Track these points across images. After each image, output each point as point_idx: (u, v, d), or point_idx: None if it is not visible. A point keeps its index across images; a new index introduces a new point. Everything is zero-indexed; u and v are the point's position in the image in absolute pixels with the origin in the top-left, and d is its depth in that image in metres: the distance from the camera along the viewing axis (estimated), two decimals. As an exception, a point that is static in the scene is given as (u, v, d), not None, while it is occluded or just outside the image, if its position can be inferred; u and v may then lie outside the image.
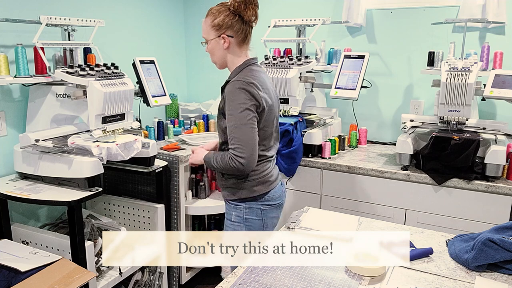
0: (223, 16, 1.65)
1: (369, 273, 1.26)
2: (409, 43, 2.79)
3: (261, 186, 1.73)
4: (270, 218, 1.78)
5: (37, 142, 2.02)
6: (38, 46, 2.06)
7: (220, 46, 1.69)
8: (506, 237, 1.31)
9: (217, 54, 1.73)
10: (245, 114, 1.58)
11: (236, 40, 1.69)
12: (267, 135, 1.72)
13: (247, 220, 1.74)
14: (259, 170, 1.72)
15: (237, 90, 1.60)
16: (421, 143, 2.30)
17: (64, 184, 2.05)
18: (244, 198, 1.73)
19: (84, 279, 1.77)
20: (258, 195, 1.73)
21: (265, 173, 1.74)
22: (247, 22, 1.68)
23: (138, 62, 2.41)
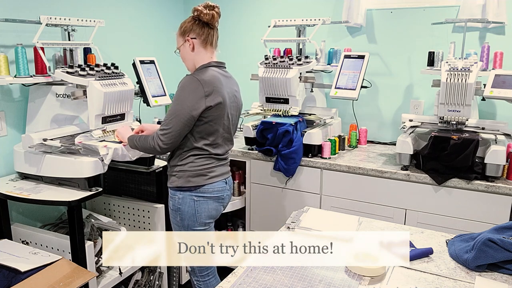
0: (186, 23, 1.87)
1: (369, 273, 1.26)
2: (409, 43, 2.79)
3: (198, 178, 1.86)
4: (204, 209, 1.89)
5: (45, 141, 2.02)
6: (38, 46, 2.06)
7: (187, 49, 1.88)
8: (506, 237, 1.31)
9: (187, 57, 1.91)
10: (183, 108, 1.75)
11: (199, 41, 1.86)
12: (213, 131, 1.85)
13: (179, 209, 1.89)
14: (197, 163, 1.85)
15: (186, 82, 1.79)
16: (421, 143, 2.30)
17: (64, 184, 2.05)
18: (180, 187, 1.87)
19: (84, 279, 1.77)
20: (192, 186, 1.86)
21: (205, 167, 1.86)
22: (207, 24, 1.86)
23: (138, 62, 2.41)
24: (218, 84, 1.82)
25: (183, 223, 1.90)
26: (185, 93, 1.77)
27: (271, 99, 2.62)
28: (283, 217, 2.57)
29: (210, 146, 1.86)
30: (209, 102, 1.77)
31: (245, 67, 3.31)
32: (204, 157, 1.86)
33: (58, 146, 2.01)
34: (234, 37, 3.37)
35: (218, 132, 1.86)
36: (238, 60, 3.38)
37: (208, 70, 1.84)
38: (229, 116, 1.90)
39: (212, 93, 1.78)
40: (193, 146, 1.84)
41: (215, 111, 1.81)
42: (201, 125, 1.81)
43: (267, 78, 2.55)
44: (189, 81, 1.78)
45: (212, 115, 1.81)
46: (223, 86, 1.85)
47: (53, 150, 2.04)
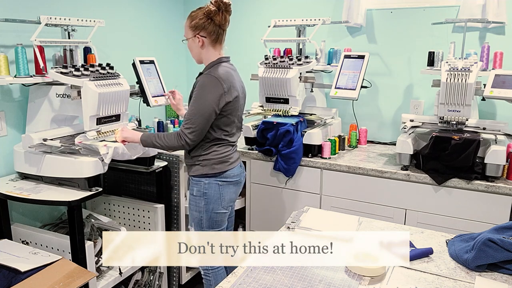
0: (198, 19, 1.92)
1: (369, 273, 1.26)
2: (409, 43, 2.79)
3: (221, 165, 2.00)
4: (227, 193, 2.04)
5: (45, 141, 2.02)
6: (36, 44, 2.05)
7: (196, 44, 1.97)
8: (506, 237, 1.31)
9: (194, 50, 2.01)
10: (207, 104, 1.87)
11: (209, 40, 1.95)
12: (230, 122, 1.99)
13: (206, 194, 2.00)
14: (220, 151, 1.99)
15: (206, 81, 1.89)
16: (421, 143, 2.30)
17: (64, 184, 2.05)
18: (205, 174, 1.99)
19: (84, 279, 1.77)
20: (217, 173, 1.99)
21: (225, 154, 2.01)
22: (219, 25, 1.93)
23: (138, 62, 2.41)
24: (232, 79, 1.95)
25: (208, 207, 2.00)
26: (206, 92, 1.87)
27: (271, 99, 2.62)
28: (283, 217, 2.57)
29: (228, 135, 2.01)
30: (228, 98, 1.91)
31: (245, 67, 3.30)
32: (224, 145, 2.01)
33: (58, 146, 2.01)
34: (234, 37, 3.37)
35: (234, 123, 2.02)
36: (238, 60, 3.36)
37: (221, 66, 1.94)
38: (241, 107, 2.06)
39: (230, 89, 1.91)
40: (214, 137, 1.97)
41: (232, 104, 1.94)
42: (221, 119, 1.94)
43: (267, 78, 2.55)
44: (209, 79, 1.89)
45: (230, 109, 1.94)
46: (236, 80, 1.98)
47: (53, 150, 2.04)
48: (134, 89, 2.45)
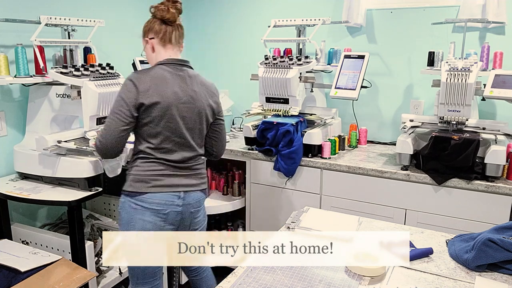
0: (146, 23, 1.80)
1: (369, 273, 1.26)
2: (409, 43, 2.79)
3: (140, 184, 1.70)
4: (139, 220, 1.69)
5: (59, 143, 2.01)
6: (36, 44, 2.05)
7: (148, 50, 1.80)
8: (506, 237, 1.31)
9: (148, 58, 1.83)
10: (118, 104, 1.66)
11: (157, 40, 1.77)
12: (155, 134, 1.70)
13: (120, 214, 1.74)
14: (142, 167, 1.71)
15: (125, 80, 1.70)
16: (421, 143, 2.30)
17: (64, 184, 2.05)
18: (124, 190, 1.73)
19: (84, 279, 1.77)
20: (133, 192, 1.70)
21: (149, 172, 1.70)
22: (165, 22, 1.76)
23: (138, 62, 2.41)
24: (159, 82, 1.69)
25: (120, 228, 1.75)
26: (120, 92, 1.68)
27: (271, 99, 2.62)
28: (283, 217, 2.57)
29: (155, 150, 1.71)
30: (143, 99, 1.65)
31: (245, 67, 3.31)
32: (149, 161, 1.71)
33: (73, 148, 2.00)
34: (234, 37, 3.37)
35: (162, 135, 1.70)
36: (238, 60, 3.38)
37: (154, 68, 1.74)
38: (178, 119, 1.72)
39: (147, 91, 1.66)
40: (138, 149, 1.73)
41: (152, 111, 1.67)
42: (142, 127, 1.70)
43: (267, 78, 2.55)
44: (125, 81, 1.70)
45: (151, 116, 1.68)
46: (168, 85, 1.70)
47: (67, 152, 2.03)
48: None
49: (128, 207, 1.70)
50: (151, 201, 1.69)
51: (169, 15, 1.74)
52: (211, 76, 3.49)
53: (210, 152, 1.94)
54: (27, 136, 2.23)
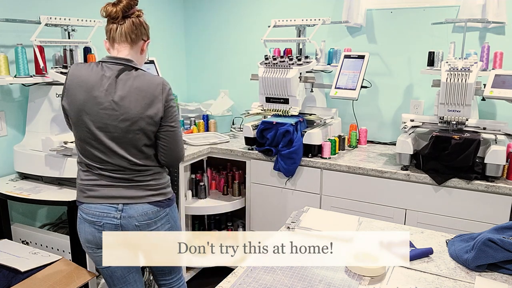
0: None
1: (369, 273, 1.26)
2: (409, 43, 2.79)
3: (79, 193, 1.63)
4: (82, 230, 1.64)
5: (65, 144, 2.01)
6: (36, 44, 2.06)
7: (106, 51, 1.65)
8: (506, 237, 1.31)
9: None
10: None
11: (108, 41, 1.62)
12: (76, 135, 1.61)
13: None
14: (80, 176, 1.63)
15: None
16: (421, 143, 2.30)
17: (64, 184, 2.05)
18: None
19: (84, 279, 1.77)
20: (76, 201, 1.65)
21: (86, 182, 1.61)
22: (109, 20, 1.58)
23: (138, 62, 2.40)
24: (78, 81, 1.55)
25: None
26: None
27: (271, 99, 2.62)
28: (283, 217, 2.57)
29: (87, 159, 1.59)
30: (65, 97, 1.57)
31: (245, 67, 3.32)
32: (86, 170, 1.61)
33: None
34: (234, 37, 3.37)
35: (85, 142, 1.57)
36: (238, 60, 3.38)
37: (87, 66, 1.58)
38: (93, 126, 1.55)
39: (65, 93, 1.56)
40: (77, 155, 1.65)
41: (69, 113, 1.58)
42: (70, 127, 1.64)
43: (267, 78, 2.55)
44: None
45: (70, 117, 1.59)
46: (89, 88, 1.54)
47: (74, 153, 2.04)
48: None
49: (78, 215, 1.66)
50: (87, 212, 1.61)
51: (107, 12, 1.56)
52: (211, 77, 3.50)
53: (159, 160, 1.66)
54: (27, 136, 2.23)
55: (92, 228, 1.61)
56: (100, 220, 1.60)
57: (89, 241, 1.64)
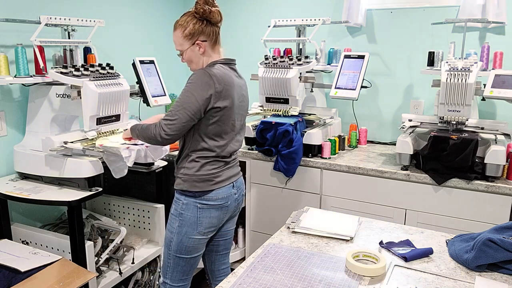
0: (192, 24, 1.75)
1: (369, 273, 1.26)
2: (409, 43, 2.79)
3: (203, 184, 1.76)
4: (206, 217, 1.79)
5: (65, 144, 2.01)
6: (36, 44, 2.05)
7: (196, 52, 1.77)
8: (506, 237, 1.31)
9: (194, 60, 1.80)
10: (192, 100, 1.66)
11: (209, 43, 1.77)
12: (221, 132, 1.76)
13: (182, 215, 1.79)
14: (205, 167, 1.76)
15: (198, 75, 1.69)
16: (421, 143, 2.30)
17: (64, 184, 2.05)
18: (185, 191, 1.78)
19: (84, 279, 1.77)
20: (197, 192, 1.76)
21: (211, 171, 1.77)
22: (215, 24, 1.76)
23: (138, 62, 2.41)
24: (229, 82, 1.74)
25: (181, 229, 1.79)
26: (196, 86, 1.67)
27: (271, 99, 2.62)
28: (283, 217, 2.57)
29: (219, 148, 1.77)
30: (217, 102, 1.69)
31: (245, 67, 3.30)
32: (211, 160, 1.77)
33: (80, 149, 2.00)
34: (234, 37, 3.37)
35: (227, 134, 1.78)
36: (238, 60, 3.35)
37: (222, 68, 1.75)
38: (237, 118, 1.81)
39: (222, 92, 1.69)
40: (202, 147, 1.75)
41: (223, 112, 1.72)
42: (210, 125, 1.72)
43: (267, 78, 2.55)
44: (202, 74, 1.68)
45: (220, 115, 1.72)
46: (234, 86, 1.76)
47: (74, 152, 2.03)
48: (134, 89, 2.45)
49: (194, 207, 1.77)
50: (216, 198, 1.79)
51: (220, 17, 1.76)
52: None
53: None
54: (27, 136, 2.23)
55: (219, 212, 1.83)
56: (227, 201, 1.84)
57: (213, 225, 1.83)
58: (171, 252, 1.83)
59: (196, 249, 1.83)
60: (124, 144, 1.96)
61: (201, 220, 1.78)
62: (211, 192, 1.77)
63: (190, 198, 1.77)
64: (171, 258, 1.84)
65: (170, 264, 1.85)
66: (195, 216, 1.78)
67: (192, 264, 1.87)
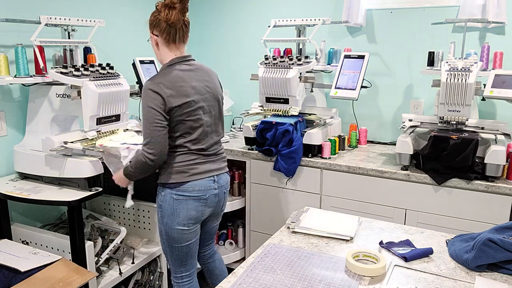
0: (152, 16, 1.80)
1: (369, 273, 1.26)
2: (409, 43, 2.79)
3: (178, 175, 1.81)
4: (183, 209, 1.83)
5: (65, 144, 2.01)
6: (36, 44, 2.05)
7: (153, 43, 1.85)
8: (506, 237, 1.31)
9: (154, 50, 1.88)
10: (150, 113, 1.72)
11: (161, 40, 1.81)
12: (188, 128, 1.80)
13: (161, 206, 1.86)
14: (179, 160, 1.82)
15: (145, 90, 1.75)
16: (421, 143, 2.30)
17: (64, 184, 2.05)
18: (163, 183, 1.85)
19: (84, 279, 1.77)
20: (173, 183, 1.82)
21: (185, 163, 1.82)
22: (168, 24, 1.77)
23: (138, 62, 2.41)
24: (181, 82, 1.78)
25: (163, 220, 1.86)
26: (148, 99, 1.73)
27: (271, 99, 2.62)
28: (283, 217, 2.58)
29: (190, 142, 1.82)
30: (173, 102, 1.74)
31: (245, 67, 3.32)
32: (184, 153, 1.82)
33: (80, 149, 2.00)
34: (234, 37, 3.37)
35: (197, 129, 1.82)
36: (238, 60, 3.38)
37: (171, 70, 1.79)
38: (205, 109, 1.84)
39: (173, 95, 1.74)
40: (173, 144, 1.81)
41: (183, 109, 1.77)
42: (175, 125, 1.78)
43: (267, 78, 2.55)
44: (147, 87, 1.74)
45: (183, 113, 1.77)
46: (187, 83, 1.80)
47: (74, 152, 2.03)
48: (134, 89, 2.45)
49: (170, 199, 1.83)
50: (193, 189, 1.83)
51: (173, 19, 1.76)
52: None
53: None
54: (27, 136, 2.23)
55: (197, 203, 1.86)
56: (205, 194, 1.87)
57: (192, 217, 1.85)
58: (164, 241, 1.91)
59: (183, 239, 1.87)
60: (124, 144, 1.97)
61: (178, 211, 1.83)
62: (186, 184, 1.81)
63: (167, 190, 1.83)
64: (167, 247, 1.92)
65: (168, 252, 1.94)
66: (172, 208, 1.83)
67: (186, 252, 1.91)
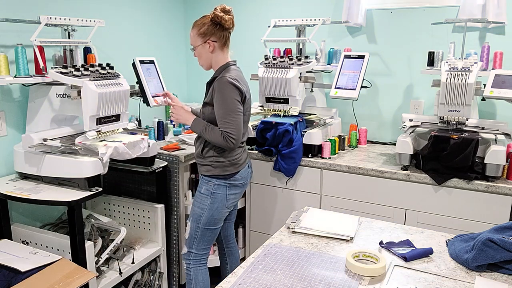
0: (206, 26, 2.03)
1: (369, 273, 1.26)
2: (409, 43, 2.79)
3: (231, 168, 2.07)
4: (233, 194, 2.13)
5: (45, 141, 2.02)
6: (36, 44, 2.05)
7: (206, 50, 2.05)
8: (506, 237, 1.31)
9: (204, 57, 2.08)
10: (235, 103, 1.96)
11: (219, 44, 2.05)
12: (244, 122, 2.06)
13: (214, 194, 2.08)
14: (232, 153, 2.07)
15: (224, 84, 1.96)
16: (421, 143, 2.30)
17: (64, 184, 2.05)
18: (216, 175, 2.07)
19: (84, 279, 1.77)
20: (227, 174, 2.07)
21: (236, 156, 2.08)
22: (227, 29, 2.06)
23: (138, 62, 2.41)
24: (244, 79, 2.06)
25: (213, 206, 2.08)
26: (228, 92, 1.94)
27: (271, 99, 2.62)
28: (283, 217, 2.57)
29: (243, 136, 2.08)
30: (245, 97, 2.02)
31: (245, 67, 3.30)
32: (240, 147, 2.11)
33: (58, 146, 2.01)
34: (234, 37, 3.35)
35: (245, 123, 2.09)
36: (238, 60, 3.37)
37: (232, 69, 2.03)
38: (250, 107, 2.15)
39: (244, 90, 2.00)
40: None
41: (246, 104, 2.05)
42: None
43: (267, 78, 2.55)
44: (226, 82, 1.94)
45: (246, 107, 2.05)
46: (245, 82, 2.07)
47: (53, 150, 2.04)
48: (134, 89, 2.45)
49: (224, 187, 2.08)
50: (240, 178, 2.12)
51: (233, 25, 2.06)
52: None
53: None
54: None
55: (241, 189, 2.17)
56: (246, 180, 2.18)
57: (237, 199, 2.19)
58: (200, 225, 2.11)
59: (221, 221, 2.16)
60: (103, 141, 2.04)
61: (229, 197, 2.11)
62: (237, 174, 2.09)
63: (221, 180, 2.07)
64: (199, 231, 2.12)
65: (198, 236, 2.13)
66: (224, 194, 2.09)
67: (215, 234, 2.17)
